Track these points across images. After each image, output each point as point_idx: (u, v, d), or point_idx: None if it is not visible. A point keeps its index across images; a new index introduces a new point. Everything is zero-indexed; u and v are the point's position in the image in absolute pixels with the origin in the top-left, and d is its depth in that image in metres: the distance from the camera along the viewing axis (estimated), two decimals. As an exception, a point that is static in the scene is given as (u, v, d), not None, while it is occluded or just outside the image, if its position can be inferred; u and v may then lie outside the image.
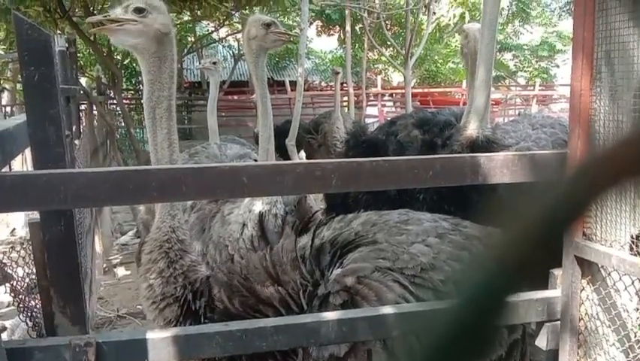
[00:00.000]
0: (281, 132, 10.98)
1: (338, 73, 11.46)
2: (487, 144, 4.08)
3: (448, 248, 2.65)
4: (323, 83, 28.48)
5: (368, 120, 15.56)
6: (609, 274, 2.56)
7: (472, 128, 4.12)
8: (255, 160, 4.71)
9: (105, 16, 2.77)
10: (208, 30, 20.97)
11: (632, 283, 2.47)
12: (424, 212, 3.62)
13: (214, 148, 5.29)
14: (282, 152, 8.09)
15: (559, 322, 2.71)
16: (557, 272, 2.75)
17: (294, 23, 19.79)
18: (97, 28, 2.80)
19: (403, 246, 2.64)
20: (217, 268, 2.86)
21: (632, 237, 2.49)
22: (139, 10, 2.75)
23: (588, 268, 2.63)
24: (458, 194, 3.85)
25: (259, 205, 3.54)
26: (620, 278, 2.50)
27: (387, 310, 2.37)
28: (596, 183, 0.47)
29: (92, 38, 9.39)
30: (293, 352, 2.50)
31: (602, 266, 2.56)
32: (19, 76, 2.85)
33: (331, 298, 2.48)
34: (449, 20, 15.49)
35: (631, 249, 2.48)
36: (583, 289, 2.66)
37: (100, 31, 2.82)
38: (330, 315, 2.38)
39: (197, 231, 3.90)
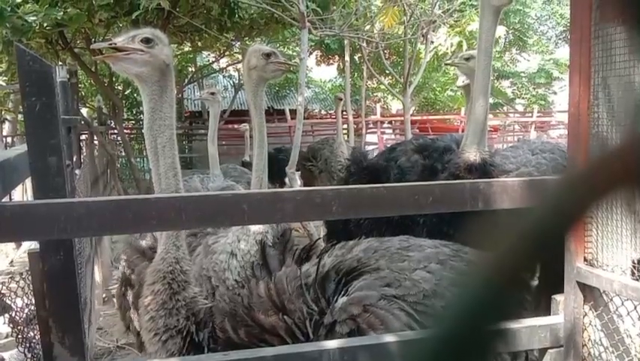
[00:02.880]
0: (272, 160, 10.96)
1: (341, 99, 11.52)
2: (484, 167, 4.09)
3: (450, 274, 2.64)
4: (323, 112, 28.63)
5: (367, 147, 15.60)
6: (611, 300, 2.54)
7: (469, 152, 4.13)
8: None
9: (111, 44, 2.79)
10: (209, 60, 21.16)
11: (635, 308, 2.45)
12: (424, 235, 3.61)
13: (196, 182, 5.29)
14: (276, 179, 8.07)
15: (562, 348, 2.69)
16: (560, 298, 2.73)
17: (294, 53, 19.98)
18: (102, 56, 2.82)
19: (405, 272, 2.63)
20: (219, 298, 2.83)
21: (633, 262, 2.48)
22: (147, 41, 2.78)
23: (590, 293, 2.62)
24: (458, 217, 3.85)
25: (251, 234, 3.50)
26: (623, 303, 2.48)
27: (389, 338, 2.35)
28: (590, 190, 0.47)
29: (93, 69, 9.49)
30: None
31: (604, 292, 2.55)
32: (21, 107, 2.87)
33: (338, 327, 2.46)
34: (447, 49, 15.63)
35: (632, 274, 2.47)
36: (585, 314, 2.64)
37: (104, 59, 2.83)
38: (331, 344, 2.35)
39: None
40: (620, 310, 2.51)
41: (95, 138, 9.92)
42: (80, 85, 13.31)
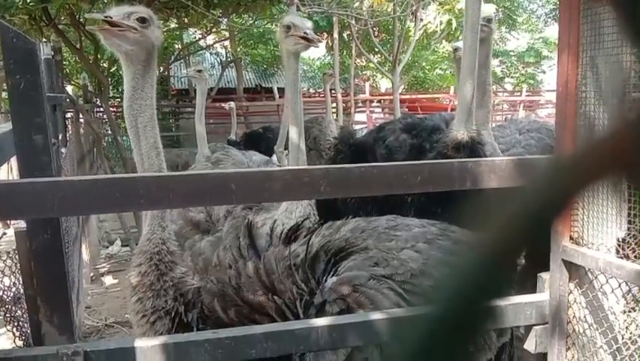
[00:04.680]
0: (259, 138, 10.92)
1: (331, 75, 11.45)
2: (472, 146, 4.10)
3: (438, 254, 2.66)
4: (311, 90, 28.49)
5: (356, 127, 15.59)
6: (596, 277, 2.58)
7: (457, 130, 4.14)
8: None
9: (106, 17, 2.75)
10: (195, 37, 20.93)
11: (619, 285, 2.49)
12: (413, 214, 3.62)
13: (238, 155, 5.26)
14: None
15: (547, 325, 2.73)
16: (545, 276, 2.76)
17: (282, 30, 19.78)
18: (98, 27, 2.78)
19: (392, 252, 2.64)
20: (206, 278, 2.83)
21: (618, 240, 2.51)
22: (143, 20, 2.77)
23: (576, 271, 2.65)
24: (445, 195, 3.87)
25: (294, 218, 3.50)
26: (607, 281, 2.52)
27: (377, 315, 2.37)
28: (580, 176, 0.47)
29: (77, 46, 9.35)
30: (288, 360, 2.48)
31: (589, 269, 2.58)
32: (5, 84, 2.83)
33: (328, 306, 2.48)
34: (436, 27, 15.57)
35: (617, 252, 2.50)
36: (570, 292, 2.67)
37: (100, 31, 2.79)
38: (320, 321, 2.37)
39: (232, 239, 3.84)
40: (604, 288, 2.54)
41: (81, 116, 9.81)
42: (64, 62, 13.13)
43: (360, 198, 4.50)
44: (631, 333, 2.50)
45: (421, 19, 15.40)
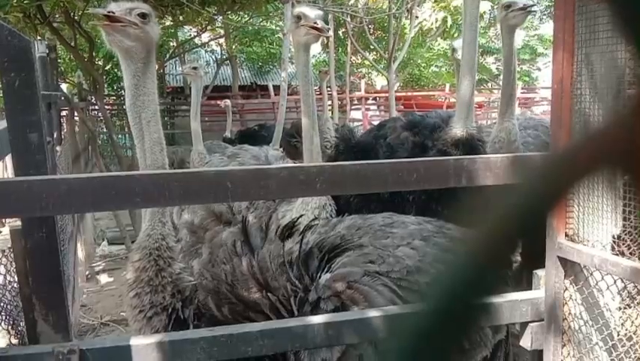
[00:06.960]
0: (254, 136, 10.91)
1: (327, 73, 11.41)
2: (471, 142, 4.11)
3: (434, 251, 2.67)
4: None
5: (352, 124, 15.57)
6: (592, 274, 2.58)
7: (457, 127, 4.14)
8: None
9: (109, 12, 2.74)
10: (190, 35, 20.86)
11: (615, 282, 2.49)
12: (414, 213, 3.63)
13: (255, 149, 5.26)
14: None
15: (543, 322, 2.74)
16: (541, 273, 2.77)
17: (277, 28, 19.78)
18: (100, 22, 2.77)
19: (388, 249, 2.65)
20: (202, 275, 2.83)
21: (613, 237, 2.52)
22: (143, 16, 2.77)
23: (571, 268, 2.66)
24: (446, 194, 3.87)
25: (310, 209, 3.50)
26: (603, 278, 2.53)
27: (373, 313, 2.37)
28: (573, 170, 0.47)
29: (72, 44, 9.32)
30: (284, 357, 2.48)
31: (585, 266, 2.59)
32: (-1, 82, 2.82)
33: (322, 303, 2.48)
34: (432, 24, 15.60)
35: (613, 249, 2.51)
36: (566, 289, 2.68)
37: (102, 27, 2.78)
38: (316, 319, 2.37)
39: (256, 230, 3.86)
40: (600, 285, 2.55)
41: (76, 114, 9.78)
42: (59, 60, 13.08)
43: (361, 197, 4.50)
44: (626, 330, 2.51)
45: (417, 17, 15.41)
